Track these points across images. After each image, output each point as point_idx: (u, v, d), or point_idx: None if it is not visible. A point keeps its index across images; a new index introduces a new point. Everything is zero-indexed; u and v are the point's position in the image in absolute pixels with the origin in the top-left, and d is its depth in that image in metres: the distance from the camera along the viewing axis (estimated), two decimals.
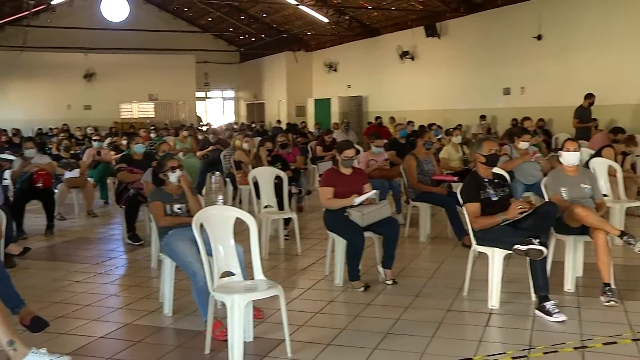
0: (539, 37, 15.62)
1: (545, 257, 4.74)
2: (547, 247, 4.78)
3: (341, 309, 5.10)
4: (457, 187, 5.46)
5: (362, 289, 5.47)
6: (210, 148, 12.62)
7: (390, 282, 5.65)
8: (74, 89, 25.18)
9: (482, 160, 5.18)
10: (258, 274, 4.29)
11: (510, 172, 7.45)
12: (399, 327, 4.54)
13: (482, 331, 4.43)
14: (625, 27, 13.64)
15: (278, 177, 7.32)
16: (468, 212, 5.05)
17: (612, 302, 4.85)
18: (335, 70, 25.22)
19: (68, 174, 9.59)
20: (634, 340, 4.12)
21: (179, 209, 5.09)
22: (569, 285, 5.31)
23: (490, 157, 5.17)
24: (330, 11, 21.98)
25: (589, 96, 12.52)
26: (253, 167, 7.99)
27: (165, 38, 25.25)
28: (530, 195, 7.75)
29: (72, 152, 10.56)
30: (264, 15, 25.43)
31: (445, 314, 4.78)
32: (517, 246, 4.68)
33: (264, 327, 4.57)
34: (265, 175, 7.36)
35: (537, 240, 4.61)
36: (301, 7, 21.85)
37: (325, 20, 22.49)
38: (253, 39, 27.54)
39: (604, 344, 4.07)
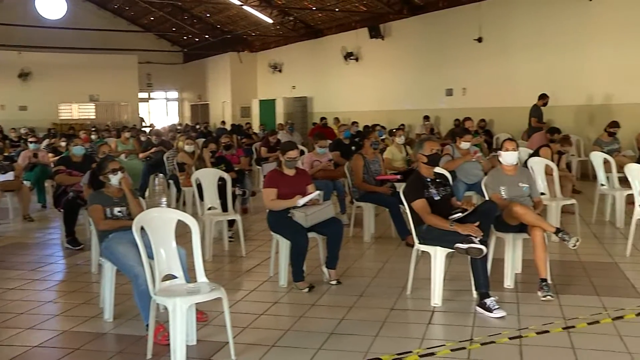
0: (479, 40, 16.00)
1: (486, 255, 4.85)
2: (487, 244, 4.89)
3: (285, 310, 5.10)
4: (401, 187, 5.53)
5: (306, 289, 5.48)
6: (153, 150, 12.43)
7: (334, 282, 5.68)
8: (7, 88, 24.32)
9: (424, 160, 5.27)
10: (201, 276, 4.25)
11: (452, 172, 7.61)
12: (343, 327, 4.57)
13: (424, 329, 4.51)
14: (560, 29, 14.12)
15: (222, 179, 7.26)
16: (417, 209, 5.07)
17: (549, 297, 5.02)
18: (280, 71, 25.21)
19: (1, 177, 9.27)
20: (564, 328, 4.26)
21: (119, 212, 4.99)
22: (508, 282, 5.45)
23: (432, 157, 5.27)
24: (275, 12, 21.96)
25: (543, 96, 12.91)
26: (196, 169, 7.91)
27: (105, 37, 24.69)
28: (472, 194, 7.92)
29: (5, 154, 10.21)
30: (208, 15, 25.21)
31: (389, 313, 4.84)
32: (458, 245, 4.78)
33: (208, 330, 4.52)
34: (208, 176, 7.29)
35: (478, 239, 4.71)
36: (245, 7, 21.76)
37: (270, 21, 22.44)
38: (197, 39, 27.26)
39: (538, 333, 4.20)
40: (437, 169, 5.51)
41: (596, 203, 8.54)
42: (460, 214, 4.97)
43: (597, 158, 8.65)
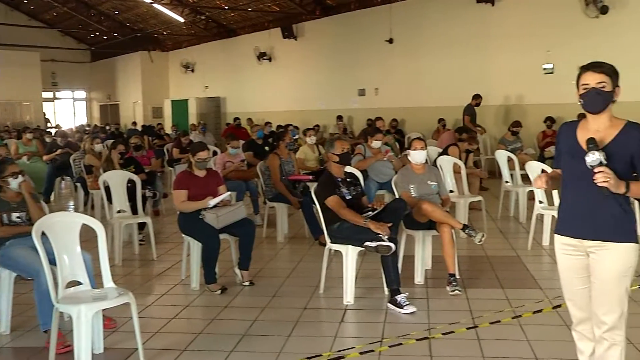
0: (390, 41, 16.33)
1: (396, 253, 4.97)
2: (396, 241, 5.00)
3: (197, 313, 5.02)
4: (313, 187, 5.56)
5: (218, 291, 5.42)
6: (59, 151, 11.90)
7: (247, 283, 5.65)
8: None
9: (335, 160, 5.32)
10: (108, 281, 4.10)
11: (364, 171, 7.74)
12: (256, 328, 4.55)
13: (337, 327, 4.55)
14: (466, 32, 14.65)
15: (131, 181, 7.07)
16: (332, 205, 5.11)
17: (457, 291, 5.19)
18: (192, 70, 24.81)
19: None
20: (468, 328, 4.41)
21: (17, 217, 4.73)
22: (418, 278, 5.60)
23: (343, 156, 5.33)
24: (186, 10, 21.57)
25: (476, 97, 13.32)
26: (104, 171, 7.65)
27: (2, 32, 23.31)
28: (383, 193, 8.07)
29: None
30: (116, 12, 24.45)
31: (302, 313, 4.86)
32: (367, 243, 4.86)
33: (116, 336, 4.38)
34: (117, 179, 7.07)
35: (386, 237, 4.81)
36: (155, 5, 21.26)
37: (181, 19, 22.04)
38: (105, 37, 26.37)
39: (444, 333, 4.32)
40: (348, 169, 5.58)
41: (501, 199, 8.92)
42: (370, 213, 5.06)
43: (502, 156, 9.03)
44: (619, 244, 2.82)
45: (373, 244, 4.82)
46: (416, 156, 5.88)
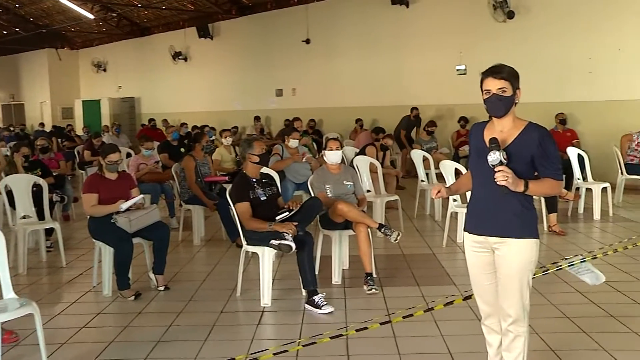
0: (307, 41, 16.43)
1: (312, 253, 5.03)
2: (309, 238, 5.08)
3: (110, 321, 4.87)
4: (229, 189, 5.51)
5: (132, 297, 5.28)
6: None
7: (162, 288, 5.54)
8: None
9: (255, 160, 5.31)
10: (8, 292, 3.91)
11: (281, 172, 7.75)
12: (171, 333, 4.47)
13: (254, 330, 4.53)
14: (382, 33, 14.94)
15: (37, 185, 6.77)
16: (239, 212, 5.13)
17: (374, 290, 5.28)
18: (104, 70, 24.07)
19: None
20: (381, 324, 4.50)
21: None
22: (336, 278, 5.65)
23: (263, 157, 5.34)
24: (96, 7, 20.86)
25: (414, 109, 13.55)
26: (7, 175, 7.29)
27: None
28: (301, 193, 8.11)
29: None
30: (17, 6, 23.21)
31: (219, 316, 4.81)
32: (272, 241, 4.89)
33: (18, 350, 4.19)
34: (20, 183, 6.76)
35: (291, 236, 4.86)
36: (62, 0, 20.41)
37: (91, 16, 21.24)
38: (5, 32, 25.06)
39: (357, 330, 4.38)
40: (264, 169, 5.57)
41: (417, 198, 9.14)
42: (286, 214, 5.08)
43: (417, 156, 9.25)
44: (520, 239, 2.95)
45: (276, 243, 4.86)
46: (331, 156, 5.95)
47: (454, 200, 7.01)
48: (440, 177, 8.44)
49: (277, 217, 5.05)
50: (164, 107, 20.90)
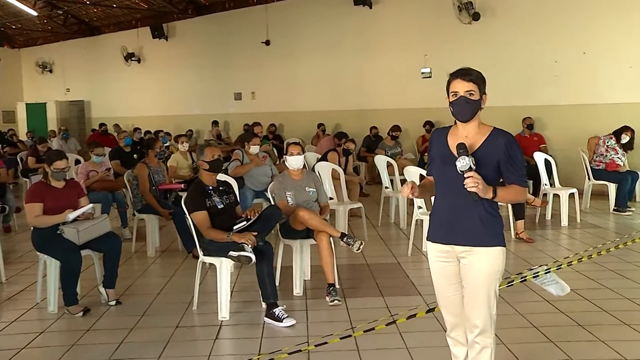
0: (267, 42, 16.42)
1: (271, 264, 5.03)
2: (270, 246, 5.11)
3: (55, 340, 4.75)
4: (184, 197, 5.45)
5: (80, 313, 5.17)
6: None
7: (113, 302, 5.44)
8: None
9: (205, 167, 5.27)
10: None
11: (240, 179, 7.71)
12: (123, 351, 4.39)
13: (212, 345, 4.49)
14: (344, 34, 15.02)
15: None
16: (197, 222, 5.09)
17: (336, 302, 5.28)
18: (50, 71, 23.61)
19: None
20: (342, 338, 4.51)
21: None
22: (297, 289, 5.64)
23: (213, 163, 5.29)
24: (40, 3, 20.32)
25: (373, 129, 13.63)
26: None
27: None
28: (261, 201, 8.08)
29: None
30: None
31: (174, 331, 4.75)
32: (230, 252, 4.86)
33: None
34: None
35: (250, 246, 4.84)
36: None
37: (34, 13, 20.57)
38: None
39: (316, 345, 4.37)
40: (221, 176, 5.55)
41: (381, 205, 9.19)
42: (244, 223, 5.05)
43: (381, 161, 9.32)
44: (487, 248, 2.99)
45: (234, 254, 4.83)
46: (292, 162, 5.95)
47: (419, 207, 7.07)
48: (404, 182, 8.51)
49: (235, 227, 5.02)
50: (116, 111, 20.62)
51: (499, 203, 3.07)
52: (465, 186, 2.84)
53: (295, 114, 16.18)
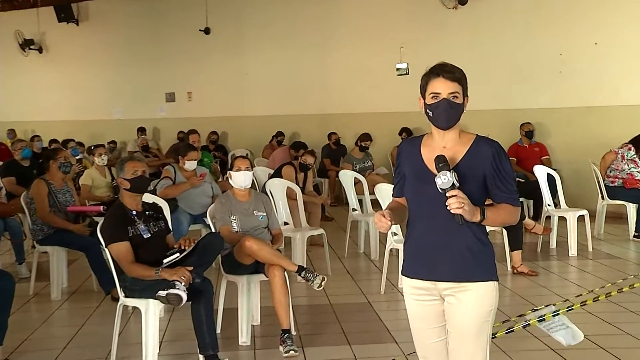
0: (206, 31, 16.37)
1: (211, 306, 5.01)
2: (210, 284, 5.09)
3: None
4: (100, 223, 5.39)
5: None
6: None
7: None
8: None
9: (126, 187, 5.23)
10: None
11: (173, 200, 7.66)
12: None
13: None
14: (304, 24, 15.11)
15: None
16: (116, 255, 5.02)
17: (292, 352, 5.28)
18: None
19: None
20: None
21: None
22: (243, 337, 5.62)
23: (137, 181, 5.24)
24: None
25: (332, 134, 13.71)
26: None
27: None
28: (199, 228, 8.05)
29: None
30: None
31: None
32: (159, 292, 4.83)
33: None
34: None
35: (184, 284, 4.82)
36: None
37: None
38: None
39: None
40: (148, 197, 5.51)
41: (348, 232, 9.22)
42: (177, 255, 5.01)
43: (347, 178, 9.36)
44: (477, 283, 3.02)
45: (164, 294, 4.80)
46: (238, 179, 5.96)
47: (394, 234, 7.11)
48: (376, 204, 8.56)
49: (166, 260, 4.98)
50: (9, 115, 20.12)
51: (489, 228, 3.11)
52: (448, 207, 2.87)
53: (242, 119, 16.15)
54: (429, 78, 3.05)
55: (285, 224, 7.88)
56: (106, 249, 5.14)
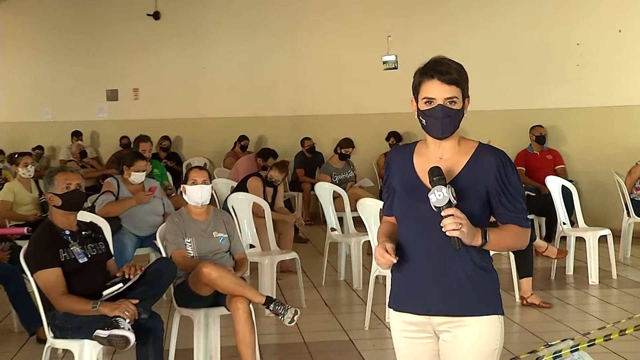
0: (155, 15, 16.31)
1: (159, 345, 5.00)
2: (160, 320, 5.09)
3: None
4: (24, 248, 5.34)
5: None
6: None
7: None
8: None
9: (57, 203, 5.19)
10: None
11: (115, 220, 7.61)
12: None
13: None
14: (271, 9, 15.12)
15: None
16: (44, 285, 4.97)
17: None
18: None
19: None
20: None
21: None
22: None
23: (69, 197, 5.20)
24: None
25: (306, 140, 13.74)
26: None
27: None
28: (148, 252, 8.01)
29: None
30: None
31: None
32: (97, 332, 4.77)
33: None
34: None
35: (129, 322, 4.78)
36: None
37: None
38: None
39: None
40: (84, 216, 5.47)
41: (326, 255, 9.21)
42: (120, 285, 4.98)
43: (325, 191, 9.34)
44: (479, 318, 3.03)
45: (104, 334, 4.75)
46: (195, 194, 5.97)
47: None
48: (359, 222, 8.55)
49: (106, 292, 4.95)
50: None
51: (492, 252, 3.11)
52: (443, 229, 2.87)
53: (199, 121, 16.09)
54: (422, 79, 3.05)
55: (251, 246, 7.86)
56: (31, 279, 5.08)
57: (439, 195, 2.86)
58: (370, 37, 13.91)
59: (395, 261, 2.98)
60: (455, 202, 2.88)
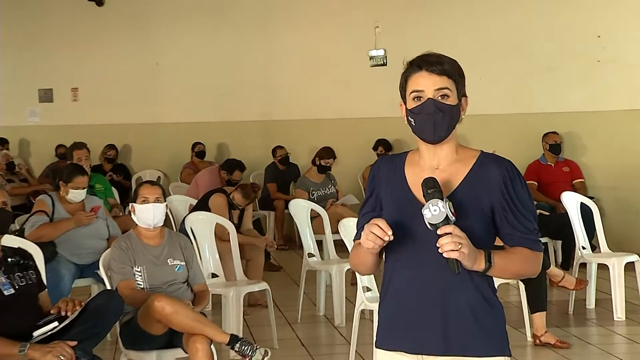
0: (98, 2, 16.30)
1: None
2: None
3: None
4: None
5: None
6: None
7: None
8: None
9: None
10: None
11: (50, 245, 7.58)
12: None
13: None
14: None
15: None
16: None
17: None
18: None
19: None
20: None
21: None
22: None
23: None
24: None
25: (278, 148, 13.69)
26: None
27: None
28: (89, 283, 7.98)
29: None
30: None
31: None
32: None
33: None
34: None
35: None
36: None
37: None
38: None
39: None
40: (9, 241, 5.46)
41: (302, 286, 9.20)
42: (55, 325, 4.97)
43: (301, 210, 9.35)
44: (485, 359, 3.02)
45: None
46: (145, 214, 5.99)
47: (367, 289, 7.12)
48: (340, 246, 8.57)
49: (37, 333, 4.94)
50: None
51: (498, 280, 3.12)
52: (439, 250, 2.86)
53: (152, 127, 16.07)
54: (409, 73, 3.07)
55: (214, 276, 7.85)
56: None
57: (435, 211, 2.84)
58: (355, 28, 13.97)
59: (390, 238, 2.90)
60: (453, 218, 2.86)
